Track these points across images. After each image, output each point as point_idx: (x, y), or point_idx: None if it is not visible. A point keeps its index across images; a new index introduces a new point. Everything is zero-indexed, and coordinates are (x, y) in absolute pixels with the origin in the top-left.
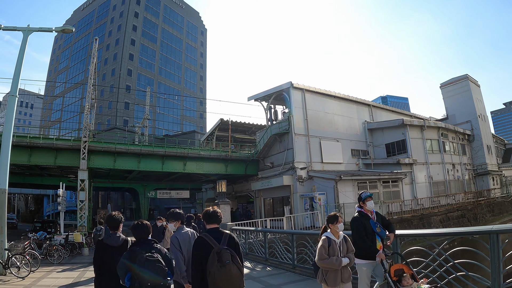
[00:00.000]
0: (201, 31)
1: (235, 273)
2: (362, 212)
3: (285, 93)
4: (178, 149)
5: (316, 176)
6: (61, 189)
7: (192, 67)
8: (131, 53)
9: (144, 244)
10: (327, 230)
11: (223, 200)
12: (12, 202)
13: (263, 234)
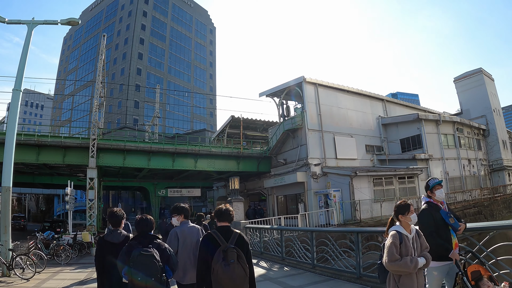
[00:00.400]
0: (210, 29)
1: (239, 273)
2: (431, 203)
3: (298, 88)
4: (189, 146)
5: (331, 173)
6: (69, 187)
7: (202, 66)
8: (140, 52)
9: (143, 239)
10: (395, 223)
11: (236, 198)
12: (23, 202)
13: (280, 232)
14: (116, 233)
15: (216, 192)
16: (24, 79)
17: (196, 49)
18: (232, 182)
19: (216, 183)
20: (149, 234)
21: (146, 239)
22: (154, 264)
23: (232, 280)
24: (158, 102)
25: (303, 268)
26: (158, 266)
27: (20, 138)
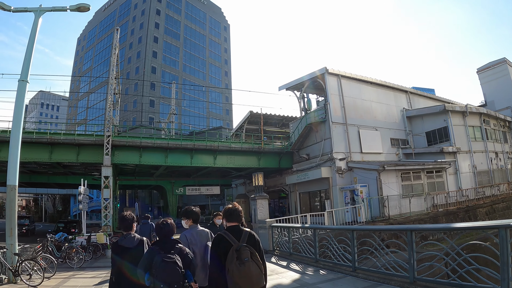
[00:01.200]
0: (224, 26)
1: (254, 271)
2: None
3: (320, 79)
4: (207, 142)
5: (357, 167)
6: (82, 186)
7: (217, 63)
8: (154, 51)
9: (165, 244)
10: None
11: (260, 195)
12: (39, 202)
13: (312, 231)
14: (129, 237)
15: (234, 190)
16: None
17: (210, 46)
18: (255, 178)
19: (235, 180)
20: (170, 239)
21: (168, 244)
22: (177, 271)
23: (248, 278)
24: (174, 98)
25: (342, 271)
26: (180, 273)
27: (31, 136)
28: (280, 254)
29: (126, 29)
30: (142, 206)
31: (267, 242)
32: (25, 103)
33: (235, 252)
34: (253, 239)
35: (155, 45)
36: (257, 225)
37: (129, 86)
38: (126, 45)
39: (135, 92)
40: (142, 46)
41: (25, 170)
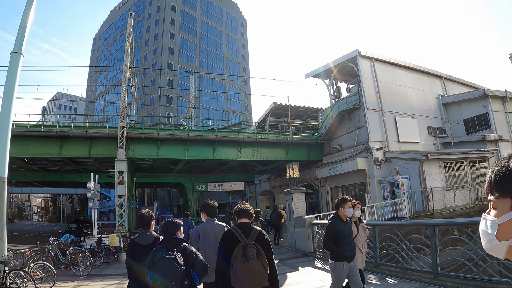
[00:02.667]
0: (240, 22)
1: (258, 269)
2: None
3: (351, 63)
4: (231, 133)
5: (395, 158)
6: (92, 181)
7: (235, 59)
8: (171, 47)
9: (169, 242)
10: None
11: (296, 188)
12: (57, 203)
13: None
14: (146, 235)
15: (258, 186)
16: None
17: (228, 42)
18: (290, 169)
19: (258, 176)
20: (174, 238)
21: (171, 242)
22: (176, 267)
23: (251, 276)
24: (193, 89)
25: (418, 279)
26: (179, 270)
27: (40, 130)
28: (324, 257)
29: (141, 26)
30: (161, 205)
31: (305, 242)
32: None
33: (241, 248)
34: (262, 238)
35: (171, 41)
36: (293, 223)
37: (146, 83)
38: (142, 42)
39: (152, 89)
40: (158, 43)
41: (37, 168)
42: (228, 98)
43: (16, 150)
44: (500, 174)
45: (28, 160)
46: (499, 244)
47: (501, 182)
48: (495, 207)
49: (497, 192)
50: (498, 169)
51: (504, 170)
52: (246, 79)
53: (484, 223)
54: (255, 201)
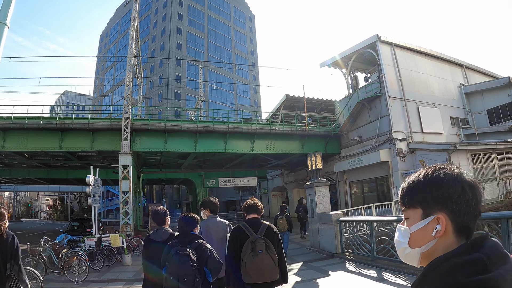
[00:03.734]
0: (248, 17)
1: (267, 263)
2: None
3: (370, 50)
4: (244, 124)
5: (420, 149)
6: (91, 175)
7: (243, 54)
8: (178, 43)
9: (184, 238)
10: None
11: (320, 181)
12: (65, 201)
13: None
14: (161, 231)
15: (270, 182)
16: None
17: (236, 37)
18: (312, 160)
19: (271, 171)
20: (190, 234)
21: (186, 238)
22: (189, 264)
23: (260, 270)
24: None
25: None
26: (192, 266)
27: (39, 122)
28: (356, 259)
29: (148, 22)
30: (170, 202)
31: (332, 242)
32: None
33: (250, 243)
34: (271, 232)
35: (179, 36)
36: (316, 220)
37: (154, 80)
38: (149, 38)
39: (160, 85)
40: (166, 38)
41: (39, 164)
42: (237, 94)
43: (14, 144)
44: (411, 187)
45: (28, 155)
46: (412, 252)
47: (411, 194)
48: (407, 217)
49: (408, 203)
50: (410, 182)
51: (414, 183)
52: (255, 75)
53: (398, 233)
54: (267, 197)
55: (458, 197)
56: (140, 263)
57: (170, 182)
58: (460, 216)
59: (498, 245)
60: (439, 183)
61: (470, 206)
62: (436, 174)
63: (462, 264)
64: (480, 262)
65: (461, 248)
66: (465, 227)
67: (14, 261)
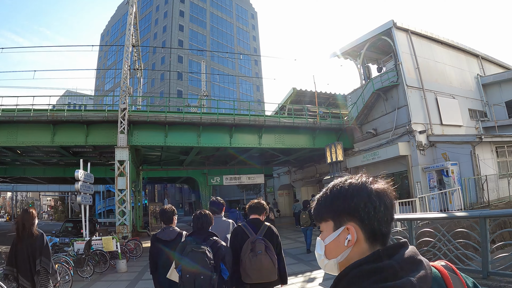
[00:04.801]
0: (251, 14)
1: (266, 264)
2: None
3: (385, 37)
4: (251, 116)
5: (441, 141)
6: (81, 169)
7: (246, 52)
8: (180, 39)
9: (199, 235)
10: None
11: (342, 174)
12: (66, 201)
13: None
14: (168, 230)
15: (277, 180)
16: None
17: (238, 35)
18: (332, 151)
19: (277, 169)
20: (206, 231)
21: (202, 235)
22: (205, 262)
23: (259, 270)
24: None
25: None
26: (208, 263)
27: (29, 114)
28: None
29: (150, 19)
30: (173, 202)
31: None
32: None
33: (250, 244)
34: (271, 233)
35: (180, 33)
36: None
37: (155, 77)
38: (151, 35)
39: (162, 82)
40: (167, 35)
41: (33, 161)
42: (240, 92)
43: (3, 138)
44: (320, 201)
45: (21, 151)
46: (329, 263)
47: (321, 208)
48: (322, 230)
49: (320, 217)
50: (319, 197)
51: (322, 197)
52: (258, 72)
53: (316, 245)
54: (273, 196)
55: (364, 205)
56: (137, 269)
57: (172, 181)
58: (369, 224)
59: (414, 252)
60: (344, 194)
61: (379, 212)
62: (340, 186)
63: (370, 271)
64: (390, 269)
65: (371, 256)
66: (377, 233)
67: (44, 257)
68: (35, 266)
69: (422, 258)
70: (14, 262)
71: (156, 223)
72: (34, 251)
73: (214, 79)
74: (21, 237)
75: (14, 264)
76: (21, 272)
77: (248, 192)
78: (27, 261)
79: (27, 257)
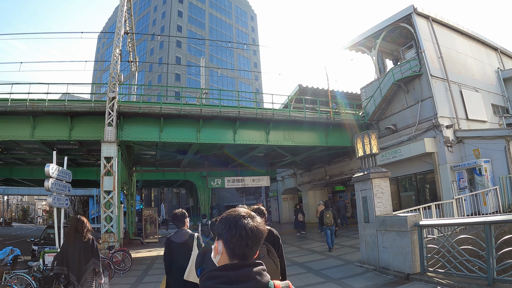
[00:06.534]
0: (250, 16)
1: (269, 267)
2: None
3: (405, 24)
4: (258, 109)
5: (470, 137)
6: (54, 163)
7: (245, 54)
8: (178, 40)
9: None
10: None
11: (377, 170)
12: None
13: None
14: (180, 233)
15: (280, 184)
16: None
17: (237, 36)
18: (365, 142)
19: (281, 172)
20: None
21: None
22: None
23: None
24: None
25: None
26: None
27: (6, 104)
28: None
29: (147, 20)
30: (169, 207)
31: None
32: None
33: None
34: (272, 236)
35: (178, 34)
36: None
37: (153, 78)
38: (148, 36)
39: (159, 83)
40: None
41: (17, 161)
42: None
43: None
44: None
45: (2, 149)
46: (214, 261)
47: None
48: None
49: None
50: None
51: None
52: (257, 75)
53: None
54: (277, 201)
55: (226, 231)
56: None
57: (168, 185)
58: (228, 244)
59: (254, 271)
60: (221, 220)
61: (233, 238)
62: (225, 214)
63: (216, 275)
64: (227, 277)
65: (223, 266)
66: (234, 252)
67: (95, 258)
68: (85, 265)
69: (258, 277)
70: (65, 262)
71: (151, 229)
72: (86, 253)
73: (212, 82)
74: (73, 240)
75: (65, 264)
76: (71, 270)
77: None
78: (77, 261)
79: (78, 258)
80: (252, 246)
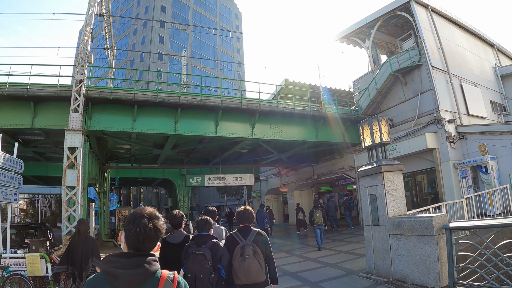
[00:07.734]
0: (235, 14)
1: (254, 267)
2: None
3: (403, 12)
4: (243, 99)
5: (473, 132)
6: (15, 155)
7: (229, 52)
8: (161, 36)
9: (200, 238)
10: None
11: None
12: (36, 204)
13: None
14: (177, 234)
15: (264, 183)
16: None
17: (221, 34)
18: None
19: (266, 170)
20: (205, 234)
21: (202, 239)
22: (204, 263)
23: (247, 273)
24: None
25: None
26: (206, 264)
27: None
28: None
29: (130, 14)
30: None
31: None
32: None
33: (240, 249)
34: (259, 237)
35: (161, 30)
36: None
37: (133, 74)
38: (130, 31)
39: (140, 79)
40: (147, 31)
41: None
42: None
43: None
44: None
45: None
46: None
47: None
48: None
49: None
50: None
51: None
52: (240, 74)
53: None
54: (260, 202)
55: (126, 226)
56: None
57: (147, 184)
58: (126, 236)
59: (137, 261)
60: (128, 215)
61: (129, 232)
62: (132, 212)
63: (110, 260)
64: (117, 263)
65: (120, 253)
66: (129, 244)
67: (95, 257)
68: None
69: (147, 265)
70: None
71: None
72: (87, 252)
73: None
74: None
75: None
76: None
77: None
78: (79, 260)
79: (80, 257)
80: (143, 242)
